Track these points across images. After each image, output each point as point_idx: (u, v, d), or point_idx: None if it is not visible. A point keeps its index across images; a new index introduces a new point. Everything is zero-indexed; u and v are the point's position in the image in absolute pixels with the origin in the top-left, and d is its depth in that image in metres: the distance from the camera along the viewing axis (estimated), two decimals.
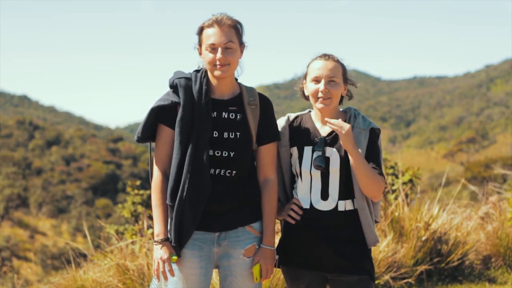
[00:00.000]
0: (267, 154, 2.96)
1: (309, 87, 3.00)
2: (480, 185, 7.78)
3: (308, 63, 3.07)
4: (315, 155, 2.95)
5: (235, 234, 2.90)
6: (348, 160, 2.94)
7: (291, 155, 3.04)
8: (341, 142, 2.86)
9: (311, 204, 2.97)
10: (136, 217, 8.36)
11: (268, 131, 2.96)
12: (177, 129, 2.85)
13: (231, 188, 2.87)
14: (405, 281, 5.46)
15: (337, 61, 3.01)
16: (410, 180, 7.17)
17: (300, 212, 2.97)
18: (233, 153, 2.86)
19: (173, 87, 2.90)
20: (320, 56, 3.03)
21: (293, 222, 2.98)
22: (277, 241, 3.11)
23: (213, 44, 2.85)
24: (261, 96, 2.98)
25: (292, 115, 3.12)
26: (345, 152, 2.95)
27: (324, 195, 2.96)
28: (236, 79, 3.00)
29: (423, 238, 5.59)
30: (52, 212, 45.39)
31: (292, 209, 3.00)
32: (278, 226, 4.43)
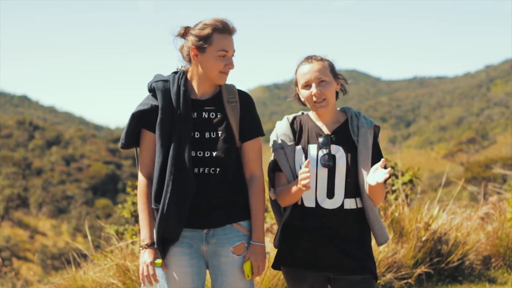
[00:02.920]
0: (251, 150, 2.95)
1: (303, 94, 3.00)
2: (480, 186, 7.77)
3: (295, 69, 3.06)
4: (320, 153, 2.94)
5: (223, 232, 2.88)
6: (354, 158, 2.94)
7: (295, 154, 3.03)
8: (375, 183, 2.79)
9: (316, 202, 2.95)
10: (136, 217, 8.35)
11: (251, 127, 2.94)
12: (157, 132, 2.83)
13: (217, 185, 2.86)
14: (405, 281, 5.46)
15: (321, 60, 3.00)
16: (410, 181, 7.17)
17: (309, 173, 2.83)
18: (216, 152, 2.85)
19: (152, 90, 2.88)
20: (304, 60, 3.02)
21: (309, 187, 2.79)
22: (272, 240, 3.10)
23: (226, 52, 2.85)
24: (241, 93, 2.97)
25: (290, 117, 3.11)
26: (351, 149, 2.95)
27: (330, 194, 2.94)
28: None
29: (423, 239, 5.59)
30: (52, 212, 45.39)
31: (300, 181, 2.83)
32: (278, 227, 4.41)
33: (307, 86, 2.97)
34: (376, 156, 2.98)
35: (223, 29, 2.84)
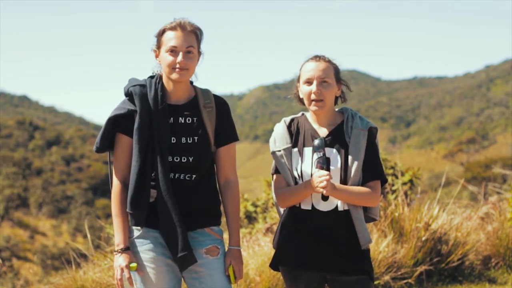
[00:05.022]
0: (226, 155, 2.96)
1: (302, 90, 3.01)
2: (480, 186, 7.77)
3: (300, 65, 3.07)
4: (315, 156, 2.95)
5: (194, 235, 2.89)
6: (348, 160, 2.95)
7: (292, 157, 3.04)
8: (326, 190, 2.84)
9: (312, 205, 2.98)
10: None
11: (226, 132, 2.95)
12: (135, 137, 2.82)
13: (191, 190, 2.87)
14: (405, 281, 5.46)
15: (329, 61, 3.01)
16: (410, 180, 7.18)
17: (328, 176, 2.87)
18: (192, 157, 2.85)
19: (128, 95, 2.88)
20: (312, 58, 3.03)
21: (324, 190, 2.85)
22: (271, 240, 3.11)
23: (174, 47, 2.82)
24: (217, 98, 2.97)
25: (287, 119, 3.12)
26: (345, 152, 2.96)
27: (325, 196, 2.96)
28: (191, 83, 2.98)
29: (423, 239, 5.59)
30: (52, 212, 45.42)
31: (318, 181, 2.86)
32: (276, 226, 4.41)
33: (308, 82, 2.98)
34: (372, 158, 2.98)
35: (174, 26, 2.84)
